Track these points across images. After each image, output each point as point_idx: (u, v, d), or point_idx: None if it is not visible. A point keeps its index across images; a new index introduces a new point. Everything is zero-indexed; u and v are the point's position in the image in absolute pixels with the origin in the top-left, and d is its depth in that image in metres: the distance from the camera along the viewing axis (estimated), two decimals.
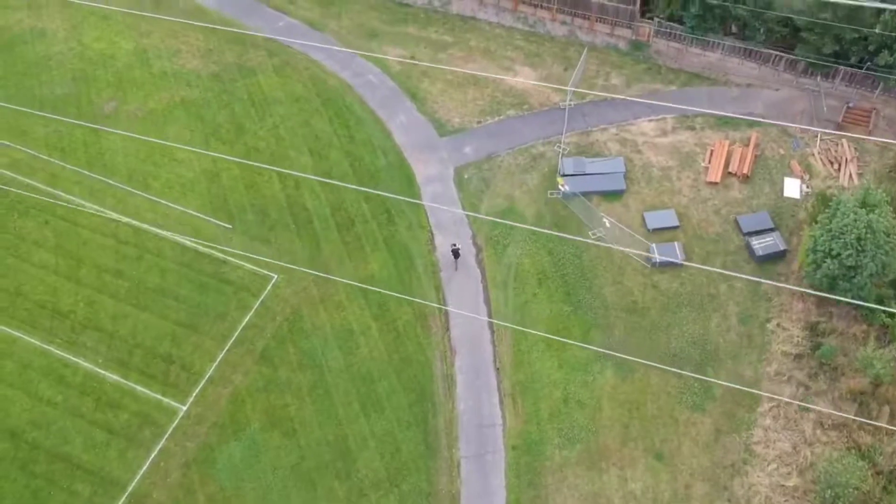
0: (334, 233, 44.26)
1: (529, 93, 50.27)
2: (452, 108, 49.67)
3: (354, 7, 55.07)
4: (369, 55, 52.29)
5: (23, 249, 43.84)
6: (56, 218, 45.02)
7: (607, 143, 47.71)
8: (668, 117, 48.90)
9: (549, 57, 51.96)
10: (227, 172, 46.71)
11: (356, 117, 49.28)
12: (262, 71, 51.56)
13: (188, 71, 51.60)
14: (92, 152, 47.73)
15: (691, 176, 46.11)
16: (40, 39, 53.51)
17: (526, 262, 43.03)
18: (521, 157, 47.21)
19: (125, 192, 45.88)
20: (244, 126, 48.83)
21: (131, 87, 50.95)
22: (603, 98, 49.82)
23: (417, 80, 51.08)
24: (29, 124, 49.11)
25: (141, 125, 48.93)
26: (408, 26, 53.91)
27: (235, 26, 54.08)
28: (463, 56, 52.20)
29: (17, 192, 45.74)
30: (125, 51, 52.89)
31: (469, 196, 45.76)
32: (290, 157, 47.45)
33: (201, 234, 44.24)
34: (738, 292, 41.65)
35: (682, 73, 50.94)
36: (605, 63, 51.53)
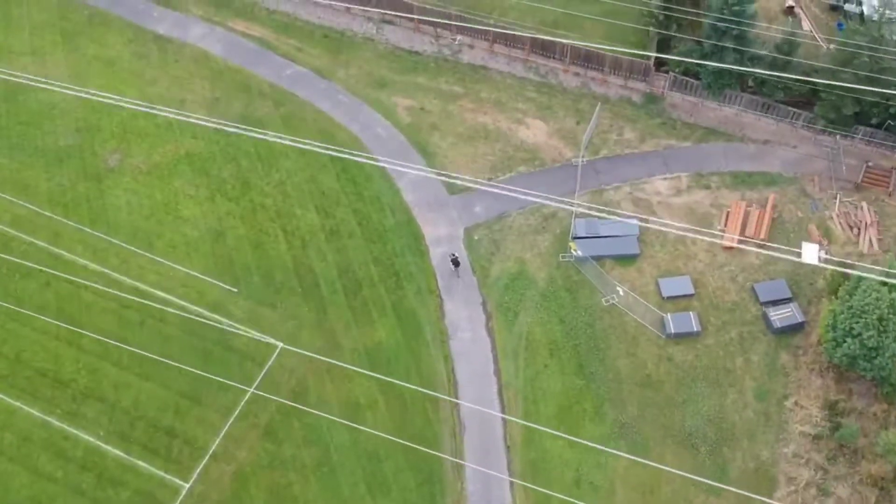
0: (341, 297, 43.34)
1: (541, 147, 49.25)
2: (462, 163, 48.68)
3: (363, 55, 54.07)
4: (378, 106, 51.37)
5: (24, 313, 43.00)
6: (58, 280, 44.17)
7: (621, 203, 46.66)
8: (682, 175, 47.86)
9: (561, 109, 50.91)
10: (233, 231, 45.83)
11: (364, 173, 48.33)
12: (269, 122, 50.58)
13: (194, 122, 50.74)
14: (95, 208, 46.88)
15: (707, 239, 45.05)
16: (44, 88, 52.68)
17: (537, 330, 42.05)
18: (532, 218, 46.20)
19: (128, 252, 45.01)
20: (250, 181, 47.92)
21: (135, 138, 50.07)
22: (616, 154, 48.80)
23: (427, 133, 50.10)
24: (32, 177, 48.30)
25: (145, 179, 48.09)
26: (417, 76, 52.90)
27: (242, 74, 53.16)
28: (473, 108, 51.18)
29: (19, 251, 45.03)
30: (130, 99, 52.02)
31: (479, 259, 44.78)
32: (296, 214, 46.53)
33: (206, 298, 43.36)
34: (755, 366, 40.60)
35: (698, 128, 49.82)
36: (618, 117, 50.45)
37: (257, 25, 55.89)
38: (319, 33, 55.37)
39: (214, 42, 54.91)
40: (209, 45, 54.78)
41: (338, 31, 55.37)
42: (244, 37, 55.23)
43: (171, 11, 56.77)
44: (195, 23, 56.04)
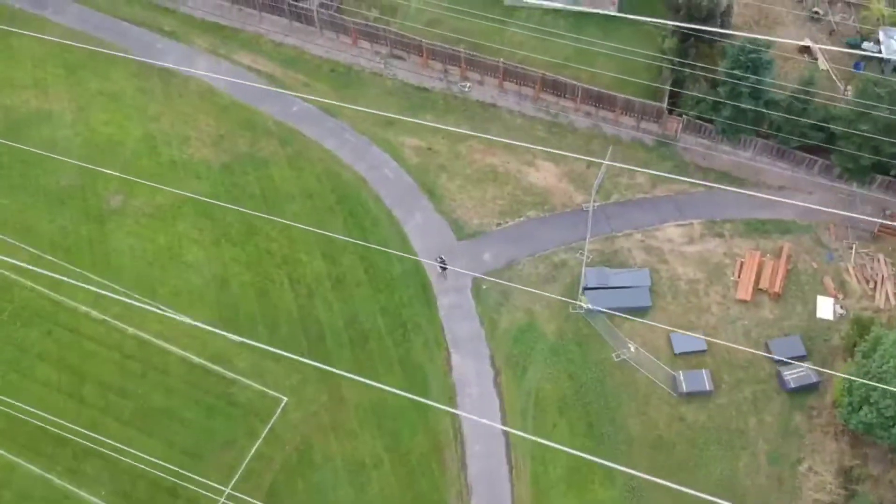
0: (347, 350, 42.59)
1: (551, 191, 48.38)
2: (471, 207, 47.84)
3: (371, 91, 53.15)
4: (385, 145, 50.52)
5: (25, 364, 42.34)
6: (59, 327, 43.51)
7: (632, 251, 45.82)
8: (695, 222, 46.98)
9: (571, 151, 50.01)
10: (238, 279, 45.07)
11: (371, 217, 47.52)
12: (274, 162, 49.79)
13: (198, 161, 49.88)
14: (97, 253, 46.15)
15: (720, 291, 44.19)
16: (46, 122, 51.86)
17: (546, 387, 41.28)
18: (541, 266, 45.38)
19: (131, 300, 44.27)
20: (256, 225, 47.09)
21: (139, 177, 49.28)
22: (628, 199, 47.94)
23: (435, 175, 49.24)
24: (34, 219, 47.57)
25: (148, 222, 47.33)
26: (426, 114, 51.97)
27: (248, 111, 52.31)
28: (482, 149, 50.29)
29: (21, 297, 44.37)
30: (133, 137, 51.18)
31: (487, 310, 43.98)
32: (302, 260, 45.76)
33: (209, 349, 42.65)
34: (768, 427, 39.81)
35: (711, 173, 48.89)
36: (629, 159, 49.48)
37: (263, 59, 55.00)
38: (326, 67, 54.48)
39: (220, 76, 54.07)
40: (214, 80, 53.89)
41: (345, 66, 54.46)
42: (250, 71, 54.34)
43: (175, 43, 55.89)
44: (200, 56, 55.16)
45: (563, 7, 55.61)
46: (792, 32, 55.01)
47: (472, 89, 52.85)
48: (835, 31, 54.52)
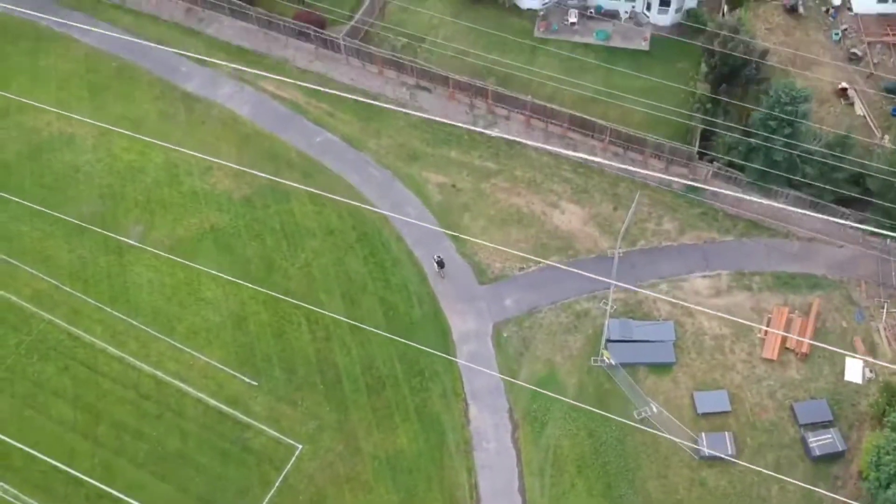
0: (364, 396, 42.04)
1: (576, 235, 47.48)
2: (494, 250, 47.01)
3: (395, 123, 52.34)
4: (409, 181, 49.75)
5: (40, 399, 42.15)
6: (76, 363, 43.25)
7: (657, 302, 44.89)
8: (722, 273, 45.94)
9: (597, 193, 49.04)
10: (256, 318, 44.59)
11: (392, 257, 46.84)
12: (296, 196, 49.15)
13: (219, 192, 49.37)
14: (116, 286, 45.82)
15: (746, 348, 43.20)
16: (68, 147, 51.53)
17: (565, 444, 40.55)
18: (564, 315, 44.56)
19: (148, 336, 43.95)
20: (274, 262, 46.60)
21: (160, 208, 48.86)
22: (654, 246, 46.97)
23: (458, 215, 48.45)
24: (53, 248, 47.31)
25: (168, 256, 46.90)
26: (450, 149, 51.15)
27: (270, 140, 51.69)
28: (507, 187, 49.43)
29: (38, 329, 44.15)
30: (155, 164, 50.76)
31: (507, 359, 43.25)
32: (321, 300, 45.18)
33: (225, 391, 42.24)
34: (791, 496, 38.88)
35: (740, 221, 47.77)
36: (657, 204, 48.49)
37: (288, 86, 54.30)
38: (351, 97, 53.56)
39: (243, 103, 53.45)
40: (237, 106, 53.31)
41: (370, 96, 53.63)
42: (274, 98, 53.73)
43: (200, 67, 55.31)
44: (224, 81, 54.57)
45: (593, 42, 54.52)
46: (828, 73, 53.63)
47: (498, 121, 51.96)
48: (873, 74, 53.06)
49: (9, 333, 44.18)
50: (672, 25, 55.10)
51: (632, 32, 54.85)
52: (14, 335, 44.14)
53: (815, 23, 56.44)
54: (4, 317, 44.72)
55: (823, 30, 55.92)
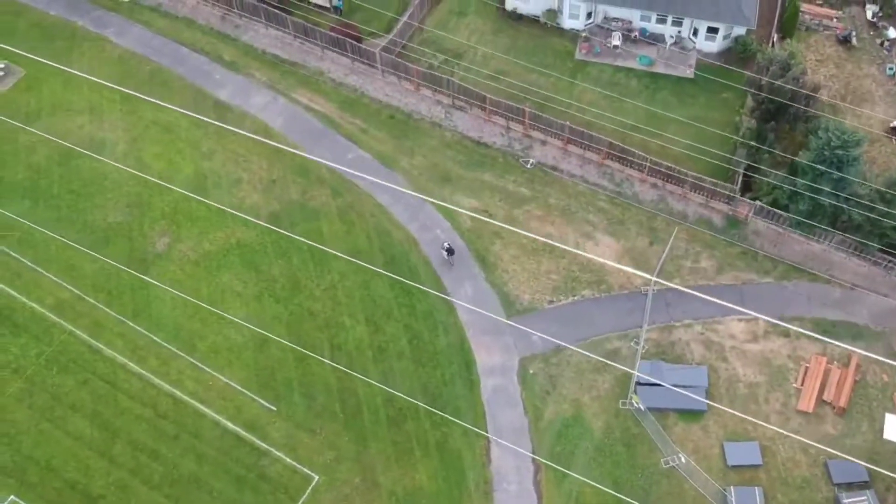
0: (384, 429, 41.09)
1: (609, 269, 46.10)
2: (523, 280, 45.82)
3: (429, 142, 51.21)
4: (440, 204, 48.59)
5: (58, 413, 41.66)
6: (96, 377, 42.73)
7: (690, 344, 43.46)
8: (760, 317, 44.30)
9: (633, 226, 47.60)
10: (278, 340, 43.76)
11: (419, 282, 45.71)
12: (325, 214, 48.25)
13: (247, 207, 48.52)
14: (139, 299, 45.21)
15: (780, 398, 41.68)
16: (98, 152, 50.80)
17: (588, 491, 39.26)
18: (593, 353, 43.24)
19: (169, 353, 43.31)
20: (300, 282, 45.74)
21: (186, 220, 48.15)
22: (690, 284, 45.43)
23: (489, 241, 47.27)
24: (78, 257, 46.71)
25: (192, 270, 46.21)
26: (484, 172, 49.92)
27: (302, 154, 50.76)
28: (540, 215, 48.14)
29: (59, 340, 43.70)
30: (184, 174, 50.03)
31: (532, 397, 42.09)
32: (345, 325, 44.28)
33: (243, 414, 41.50)
34: None
35: (781, 263, 46.09)
36: (695, 240, 46.96)
37: (321, 98, 53.35)
38: (385, 113, 52.63)
39: (276, 114, 52.58)
40: (270, 118, 52.43)
41: (405, 113, 52.57)
42: (307, 111, 52.78)
43: (234, 74, 54.53)
44: (258, 90, 53.73)
45: (636, 67, 52.94)
46: (881, 110, 51.67)
47: (534, 144, 50.61)
48: None
49: (30, 343, 43.77)
50: (719, 52, 53.35)
51: (677, 58, 53.19)
52: (35, 345, 43.72)
53: (869, 55, 54.43)
54: (27, 326, 44.32)
55: (877, 63, 53.91)
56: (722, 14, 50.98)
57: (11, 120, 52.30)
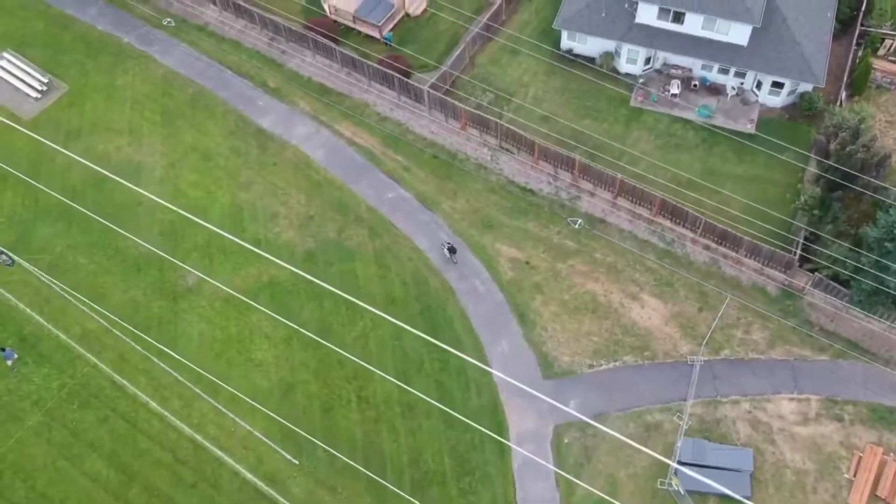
0: (407, 491, 39.26)
1: (654, 334, 43.84)
2: (563, 340, 43.76)
3: (473, 185, 49.35)
4: (481, 252, 46.70)
5: (76, 450, 40.59)
6: (116, 415, 41.61)
7: (736, 423, 41.01)
8: (812, 398, 41.74)
9: (682, 289, 45.24)
10: (304, 387, 42.27)
11: (454, 336, 43.92)
12: (360, 255, 46.65)
13: (282, 244, 47.13)
14: (166, 335, 44.00)
15: (830, 489, 39.11)
16: (135, 176, 49.90)
17: None
18: (632, 425, 41.07)
19: (192, 394, 42.02)
20: (331, 327, 44.19)
21: (219, 253, 46.90)
22: (740, 357, 43.03)
23: (529, 296, 45.27)
24: (108, 285, 45.77)
25: (222, 307, 44.92)
26: (528, 220, 47.93)
27: (341, 190, 49.22)
28: (585, 271, 46.01)
29: (82, 373, 42.68)
30: (221, 205, 48.81)
31: (566, 468, 39.97)
32: (374, 377, 42.58)
33: (264, 466, 40.04)
34: None
35: (838, 339, 43.41)
36: (747, 309, 44.45)
37: (365, 132, 51.77)
38: (430, 152, 50.88)
39: (318, 146, 51.11)
40: (311, 150, 50.99)
41: (449, 152, 50.77)
42: (350, 145, 51.24)
43: (277, 102, 53.20)
44: (301, 120, 52.33)
45: (694, 118, 50.56)
46: None
47: (582, 195, 48.50)
48: None
49: (53, 374, 42.82)
50: (783, 107, 50.76)
51: (737, 111, 50.68)
52: (58, 376, 42.75)
53: None
54: (51, 355, 43.40)
55: None
56: (789, 69, 48.40)
57: (52, 137, 51.59)
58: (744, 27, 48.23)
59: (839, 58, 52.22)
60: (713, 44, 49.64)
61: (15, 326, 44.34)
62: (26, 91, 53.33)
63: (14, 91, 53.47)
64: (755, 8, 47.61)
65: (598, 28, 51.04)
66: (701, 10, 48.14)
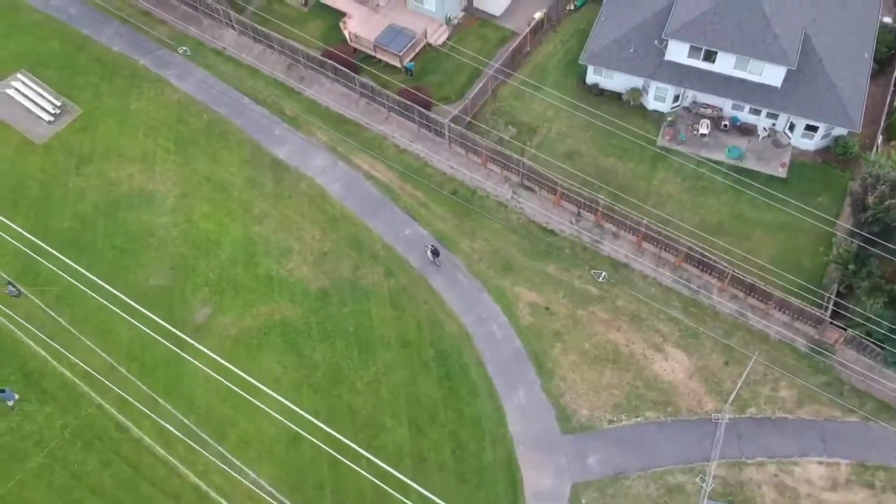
0: None
1: (677, 389, 42.16)
2: (583, 392, 42.15)
3: (493, 225, 47.79)
4: (499, 296, 45.16)
5: (77, 496, 39.37)
6: (119, 458, 40.37)
7: (762, 487, 39.27)
8: (842, 462, 39.94)
9: (708, 341, 43.52)
10: (313, 435, 40.76)
11: (470, 384, 42.43)
12: (375, 296, 45.21)
13: (295, 281, 45.80)
14: (172, 375, 42.75)
15: None
16: (147, 206, 48.72)
17: None
18: (653, 486, 39.40)
19: (198, 439, 40.73)
20: (343, 372, 42.78)
21: (230, 289, 45.59)
22: (766, 416, 41.28)
23: (548, 343, 43.69)
24: (115, 321, 44.36)
25: (231, 347, 43.61)
26: (549, 263, 46.33)
27: (357, 226, 47.81)
28: (607, 318, 44.37)
29: (86, 413, 41.50)
30: (233, 238, 47.51)
31: None
32: (385, 426, 41.18)
33: None
34: None
35: (870, 400, 41.55)
36: (775, 364, 42.65)
37: (383, 166, 50.34)
38: (449, 187, 49.39)
39: (334, 180, 49.73)
40: (327, 183, 49.61)
41: (469, 189, 49.26)
42: (367, 178, 49.82)
43: (294, 132, 51.87)
44: (317, 151, 50.96)
45: (723, 159, 48.82)
46: None
47: (605, 236, 46.89)
48: None
49: (56, 413, 41.66)
50: (816, 151, 48.96)
51: (769, 154, 48.91)
52: (61, 416, 41.59)
53: None
54: (56, 394, 42.24)
55: None
56: (825, 113, 46.59)
57: (64, 162, 50.63)
58: (778, 68, 46.48)
59: (875, 99, 50.35)
60: (745, 84, 47.91)
61: (19, 361, 43.22)
62: (39, 114, 52.30)
63: (27, 113, 52.42)
64: (791, 49, 45.85)
65: (626, 64, 49.40)
66: (734, 49, 46.43)
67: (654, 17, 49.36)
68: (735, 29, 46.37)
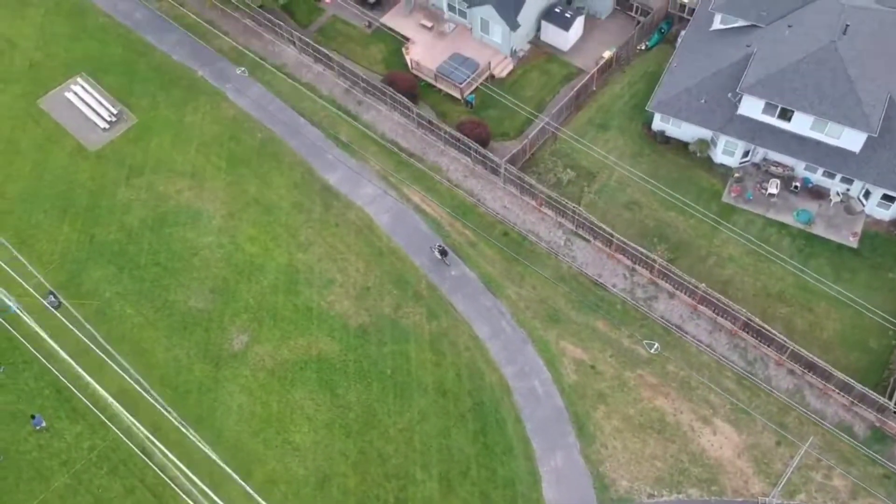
0: None
1: (724, 467, 40.02)
2: (624, 461, 40.27)
3: (542, 272, 46.06)
4: (543, 349, 43.48)
5: None
6: (144, 487, 39.69)
7: None
8: None
9: (761, 417, 41.25)
10: (341, 480, 39.71)
11: (505, 442, 40.84)
12: (416, 337, 43.88)
13: (335, 315, 44.67)
14: (204, 403, 41.98)
15: None
16: (193, 224, 48.05)
17: None
18: None
19: (224, 474, 39.86)
20: (377, 415, 41.53)
21: (269, 318, 44.63)
22: None
23: (591, 405, 41.89)
24: (152, 341, 43.95)
25: (266, 380, 42.67)
26: (597, 318, 44.49)
27: (403, 262, 46.51)
28: (655, 383, 42.40)
29: (113, 436, 40.93)
30: (276, 264, 46.56)
31: None
32: (415, 478, 39.81)
33: None
34: None
35: None
36: (830, 449, 40.26)
37: (434, 200, 48.94)
38: (500, 229, 47.79)
39: (383, 210, 48.50)
40: (376, 213, 48.39)
41: (520, 232, 47.58)
42: (417, 212, 48.48)
43: (347, 157, 50.75)
44: (369, 179, 49.77)
45: (791, 223, 46.38)
46: None
47: (660, 295, 44.84)
48: None
49: (85, 433, 41.18)
50: (891, 221, 46.25)
51: (840, 220, 46.34)
52: (89, 437, 41.09)
53: None
54: (86, 413, 41.77)
55: None
56: None
57: (115, 172, 50.27)
58: (859, 134, 43.93)
59: None
60: (822, 146, 45.42)
61: (52, 377, 42.84)
62: (95, 120, 52.04)
63: (84, 119, 52.21)
64: (874, 115, 43.26)
65: (696, 115, 47.23)
66: (812, 110, 43.99)
67: (730, 67, 47.07)
68: (815, 89, 43.94)
